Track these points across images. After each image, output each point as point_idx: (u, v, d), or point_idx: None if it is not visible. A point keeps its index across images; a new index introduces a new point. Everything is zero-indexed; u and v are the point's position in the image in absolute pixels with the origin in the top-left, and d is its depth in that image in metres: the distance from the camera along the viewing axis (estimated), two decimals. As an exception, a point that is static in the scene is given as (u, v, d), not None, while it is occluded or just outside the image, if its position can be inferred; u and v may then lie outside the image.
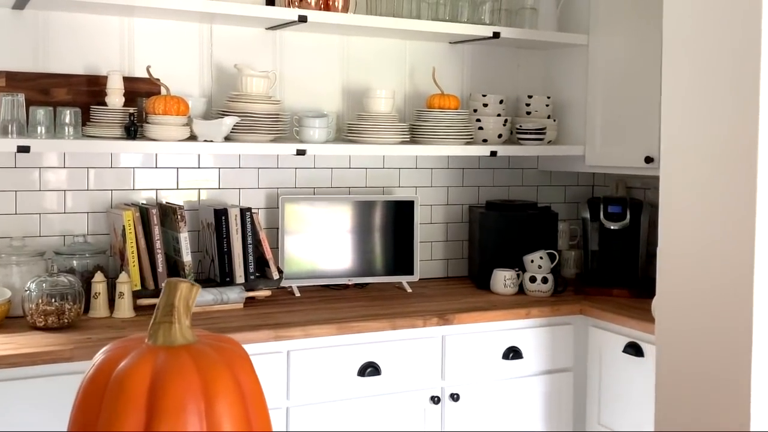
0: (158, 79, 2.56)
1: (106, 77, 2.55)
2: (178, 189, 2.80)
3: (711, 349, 1.89)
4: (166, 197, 2.77)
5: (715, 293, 1.88)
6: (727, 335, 1.85)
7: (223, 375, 0.81)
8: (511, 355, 2.71)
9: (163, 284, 0.90)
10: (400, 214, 3.01)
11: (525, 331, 2.74)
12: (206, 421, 0.78)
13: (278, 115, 2.69)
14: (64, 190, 2.63)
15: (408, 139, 2.90)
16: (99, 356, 0.85)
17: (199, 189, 2.83)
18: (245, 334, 2.29)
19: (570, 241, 3.37)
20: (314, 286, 2.92)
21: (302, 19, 2.62)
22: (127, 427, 0.76)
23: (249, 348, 2.27)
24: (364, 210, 2.98)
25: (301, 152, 2.67)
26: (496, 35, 2.94)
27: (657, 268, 2.06)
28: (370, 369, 2.48)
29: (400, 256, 3.01)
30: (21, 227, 2.56)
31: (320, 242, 2.90)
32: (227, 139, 2.60)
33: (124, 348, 0.84)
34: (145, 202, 2.71)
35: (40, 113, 2.37)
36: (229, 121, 2.55)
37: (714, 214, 1.89)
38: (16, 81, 2.49)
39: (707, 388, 1.89)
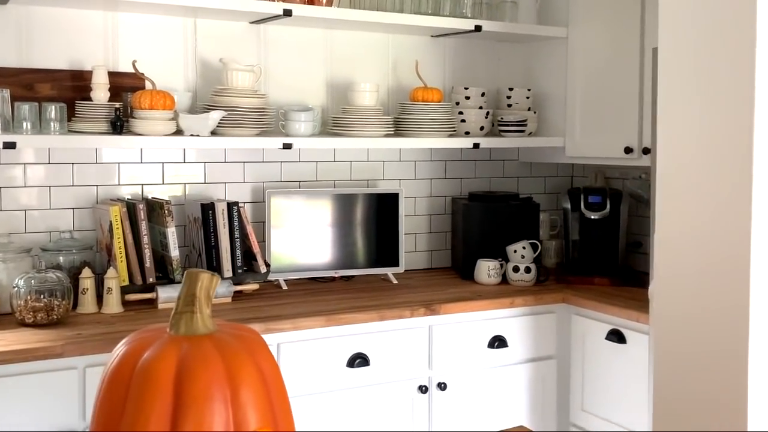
0: (143, 74, 2.55)
1: (90, 72, 2.54)
2: (163, 184, 2.79)
3: (708, 334, 1.91)
4: (152, 192, 2.77)
5: (712, 279, 1.90)
6: (724, 321, 1.87)
7: (246, 363, 0.83)
8: (496, 343, 2.75)
9: (183, 277, 0.92)
10: (385, 206, 3.04)
11: (509, 320, 2.78)
12: (232, 408, 0.81)
13: (264, 109, 2.70)
14: (49, 186, 2.62)
15: (392, 132, 2.93)
16: (121, 347, 0.86)
17: (185, 184, 2.83)
18: (235, 327, 2.30)
19: (550, 231, 3.43)
20: (301, 279, 2.93)
21: (287, 13, 2.63)
22: (154, 416, 0.78)
23: (240, 341, 2.29)
24: (349, 203, 3.00)
25: (287, 146, 2.69)
26: (478, 28, 2.98)
27: (654, 255, 2.07)
28: (359, 360, 2.51)
29: (384, 248, 3.04)
30: (6, 224, 2.55)
31: (306, 235, 2.92)
32: (213, 133, 2.61)
33: (146, 338, 0.86)
34: (130, 197, 2.71)
35: (26, 109, 2.36)
36: (215, 116, 2.56)
37: (710, 199, 1.89)
38: (-1, 76, 2.47)
39: (704, 373, 1.91)
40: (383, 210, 3.04)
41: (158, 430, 0.77)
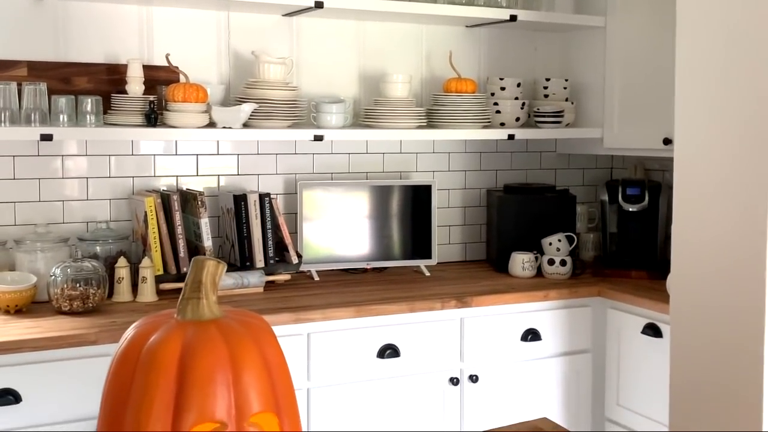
0: (177, 67, 2.58)
1: (125, 65, 2.58)
2: (197, 176, 2.83)
3: (724, 325, 1.90)
4: (186, 184, 2.80)
5: (729, 271, 1.89)
6: (741, 312, 1.86)
7: (249, 348, 0.84)
8: (529, 337, 2.72)
9: (190, 264, 0.93)
10: (418, 198, 3.03)
11: (543, 313, 2.75)
12: (234, 392, 0.81)
13: (295, 101, 2.71)
14: (86, 178, 2.67)
15: (425, 124, 2.91)
16: (130, 331, 0.88)
17: (219, 175, 2.86)
18: (266, 317, 2.31)
19: (588, 224, 3.38)
20: (333, 270, 2.94)
21: (318, 5, 2.63)
22: (158, 397, 0.79)
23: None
24: (381, 195, 3.00)
25: (318, 138, 2.69)
26: (514, 18, 2.94)
27: (671, 247, 2.06)
28: (389, 351, 2.50)
29: (417, 240, 3.03)
30: (44, 214, 2.60)
31: (338, 227, 2.93)
32: (246, 125, 2.63)
33: (154, 323, 0.87)
34: (165, 188, 2.75)
35: (62, 102, 2.41)
36: (247, 108, 2.57)
37: (728, 194, 1.89)
38: (37, 70, 2.52)
39: (719, 369, 1.90)
40: (416, 202, 3.03)
41: (162, 411, 0.78)
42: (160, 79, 2.66)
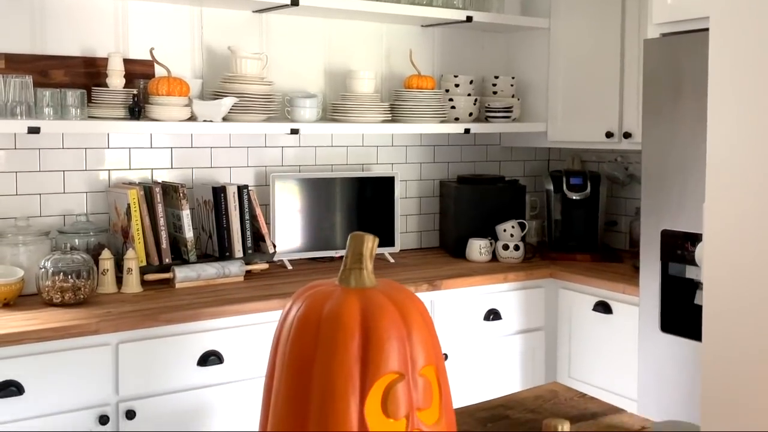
0: (162, 63, 2.62)
1: (102, 59, 2.60)
2: (172, 168, 2.87)
3: (760, 329, 1.80)
4: (161, 176, 2.84)
5: (763, 272, 1.80)
6: None
7: (413, 309, 0.97)
8: (491, 317, 2.93)
9: (348, 239, 1.04)
10: (380, 189, 3.18)
11: (503, 294, 2.97)
12: (408, 346, 0.94)
13: (271, 95, 2.79)
14: (63, 171, 2.67)
15: (389, 118, 3.06)
16: (300, 300, 0.99)
17: (193, 168, 2.91)
18: (256, 303, 2.42)
19: (531, 212, 3.62)
20: (302, 259, 3.05)
21: (294, 2, 2.73)
22: (347, 354, 0.90)
23: (259, 317, 2.42)
24: (346, 186, 3.12)
25: (294, 131, 2.80)
26: (469, 19, 3.13)
27: (704, 223, 1.95)
28: (369, 333, 2.64)
29: (380, 229, 3.17)
30: (22, 208, 2.59)
31: (307, 217, 3.04)
32: (224, 119, 2.70)
33: (322, 292, 0.98)
34: (140, 181, 2.77)
35: (47, 95, 2.41)
36: (228, 102, 2.65)
37: (760, 191, 1.81)
38: (15, 63, 2.50)
39: (755, 370, 1.81)
40: (379, 192, 3.18)
41: (351, 365, 0.90)
42: (135, 73, 2.68)
